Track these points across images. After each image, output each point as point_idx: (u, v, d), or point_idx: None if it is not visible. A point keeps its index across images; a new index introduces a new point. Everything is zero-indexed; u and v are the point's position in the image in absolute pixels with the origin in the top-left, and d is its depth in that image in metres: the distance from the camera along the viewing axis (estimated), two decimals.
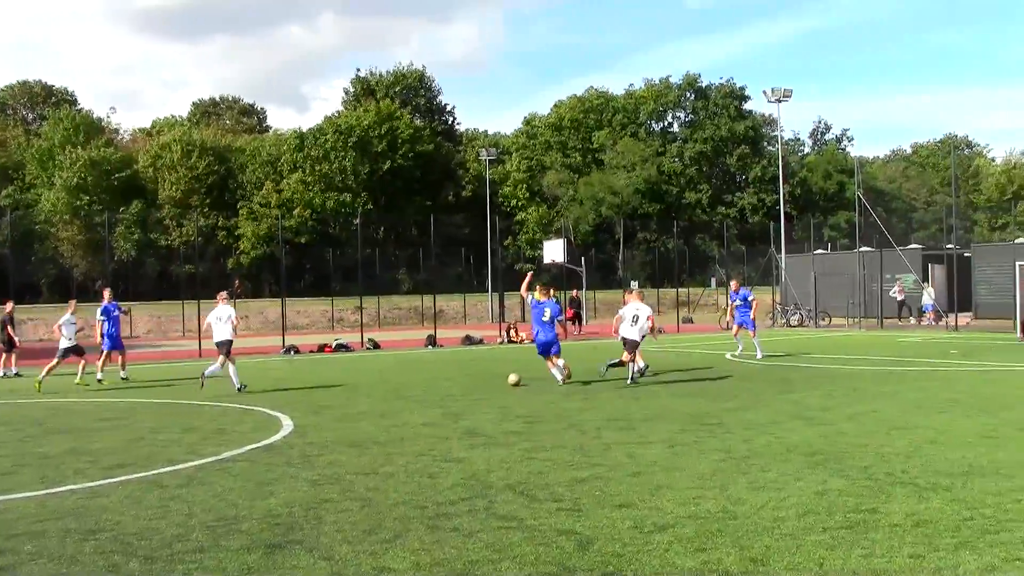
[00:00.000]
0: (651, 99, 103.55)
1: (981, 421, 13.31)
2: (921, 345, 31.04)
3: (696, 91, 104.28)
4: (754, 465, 10.31)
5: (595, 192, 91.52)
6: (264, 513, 8.54)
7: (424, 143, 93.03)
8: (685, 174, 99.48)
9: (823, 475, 9.70)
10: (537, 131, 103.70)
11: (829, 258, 53.99)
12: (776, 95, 55.82)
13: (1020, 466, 10.01)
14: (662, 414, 14.66)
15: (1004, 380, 19.28)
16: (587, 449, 11.52)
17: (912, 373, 21.35)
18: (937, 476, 9.56)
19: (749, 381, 19.89)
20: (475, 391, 18.87)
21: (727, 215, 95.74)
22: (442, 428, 13.64)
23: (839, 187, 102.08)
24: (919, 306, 46.20)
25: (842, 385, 18.67)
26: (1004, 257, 42.82)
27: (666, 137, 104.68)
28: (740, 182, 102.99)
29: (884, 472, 9.80)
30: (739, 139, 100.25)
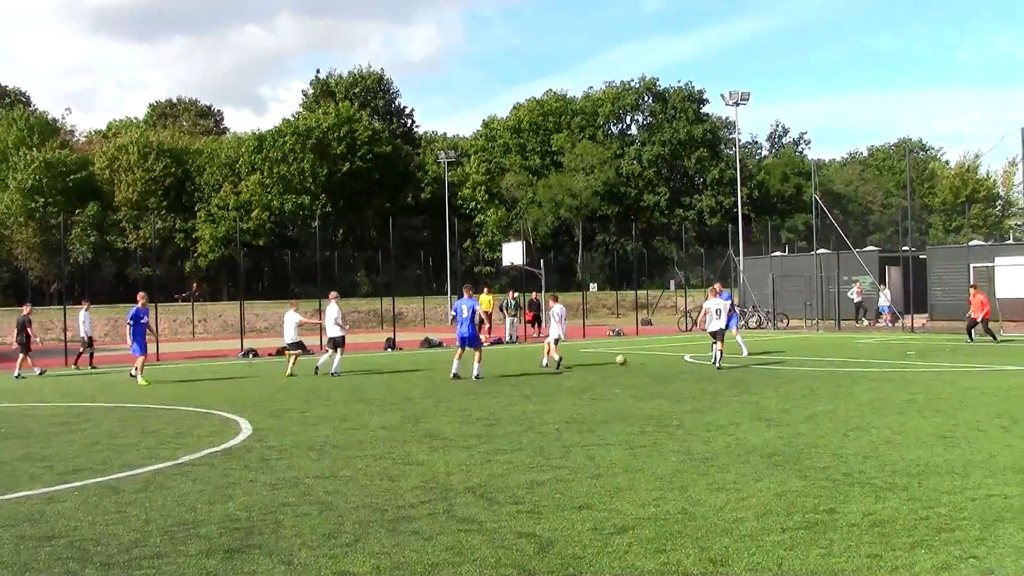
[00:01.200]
0: (609, 102, 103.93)
1: (936, 421, 13.46)
2: (878, 346, 31.34)
3: (654, 94, 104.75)
4: (713, 466, 10.36)
5: (554, 194, 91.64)
6: (223, 517, 8.47)
7: (383, 145, 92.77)
8: (644, 176, 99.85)
9: (782, 476, 9.76)
10: (496, 134, 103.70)
11: (787, 260, 54.40)
12: (734, 98, 56.13)
13: (974, 465, 10.13)
14: (621, 416, 14.70)
15: (959, 381, 19.50)
16: (547, 451, 11.53)
17: (869, 374, 21.54)
18: (894, 476, 9.65)
19: (708, 383, 19.99)
20: (435, 394, 18.83)
21: (685, 217, 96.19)
22: (402, 431, 13.60)
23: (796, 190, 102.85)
24: (876, 308, 46.68)
25: (800, 386, 18.81)
26: (958, 259, 43.37)
27: (624, 140, 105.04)
28: (698, 184, 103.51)
29: (842, 472, 9.88)
30: (697, 142, 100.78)
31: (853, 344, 32.82)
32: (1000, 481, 9.32)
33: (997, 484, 9.19)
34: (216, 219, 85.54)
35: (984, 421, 13.41)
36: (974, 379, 19.87)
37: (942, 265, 45.83)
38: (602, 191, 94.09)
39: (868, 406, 15.40)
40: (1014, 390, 17.56)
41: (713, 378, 21.12)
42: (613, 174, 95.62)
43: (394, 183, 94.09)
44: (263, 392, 20.08)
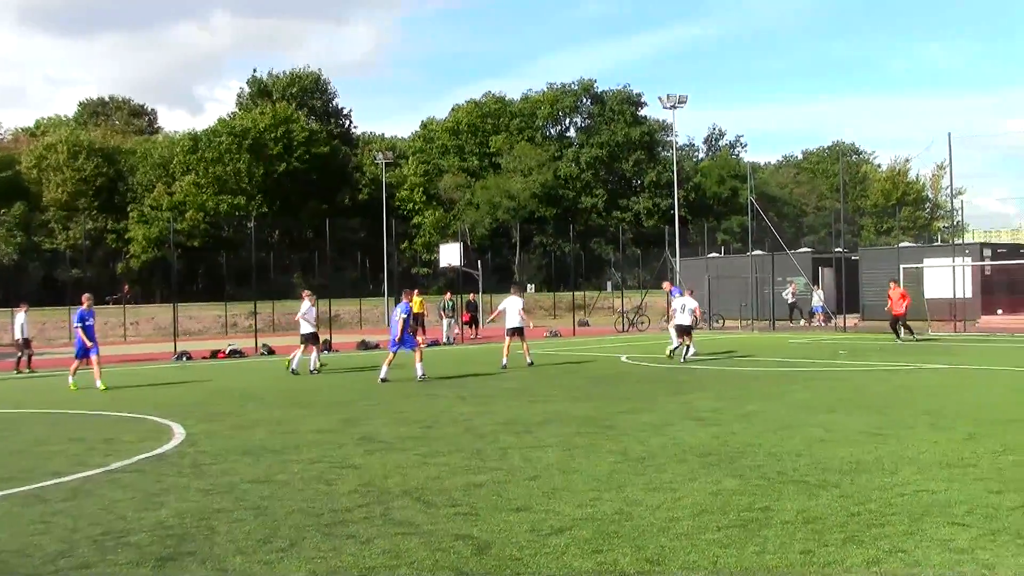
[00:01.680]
0: (548, 104, 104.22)
1: (867, 419, 13.67)
2: (811, 346, 31.76)
3: (592, 96, 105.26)
4: (650, 466, 10.42)
5: (492, 196, 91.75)
6: (154, 525, 8.35)
7: (320, 146, 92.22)
8: (581, 179, 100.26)
9: (717, 475, 9.85)
10: (434, 135, 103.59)
11: (723, 261, 54.94)
12: (671, 101, 56.61)
13: (904, 461, 10.30)
14: (558, 417, 14.74)
15: (889, 379, 19.83)
16: (483, 453, 11.53)
17: (802, 374, 21.82)
18: (826, 473, 9.78)
19: (643, 383, 20.13)
20: (371, 397, 18.74)
21: (623, 219, 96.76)
22: (338, 434, 13.52)
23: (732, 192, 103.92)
24: (809, 308, 47.29)
25: (735, 386, 19.00)
26: (889, 260, 44.13)
27: (562, 142, 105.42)
28: (636, 187, 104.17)
29: (775, 471, 10.00)
30: (635, 144, 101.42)
31: (787, 344, 33.23)
32: (927, 477, 9.50)
33: (924, 480, 9.36)
34: (149, 220, 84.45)
35: (913, 418, 13.65)
36: (904, 377, 20.22)
37: (873, 266, 46.57)
38: (540, 193, 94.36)
39: (801, 405, 15.60)
40: (942, 388, 17.90)
41: (648, 379, 21.26)
42: (551, 176, 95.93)
43: (331, 184, 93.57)
44: (197, 396, 19.85)
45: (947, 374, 20.95)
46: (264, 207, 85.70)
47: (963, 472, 9.73)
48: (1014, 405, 14.99)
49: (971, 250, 44.67)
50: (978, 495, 8.67)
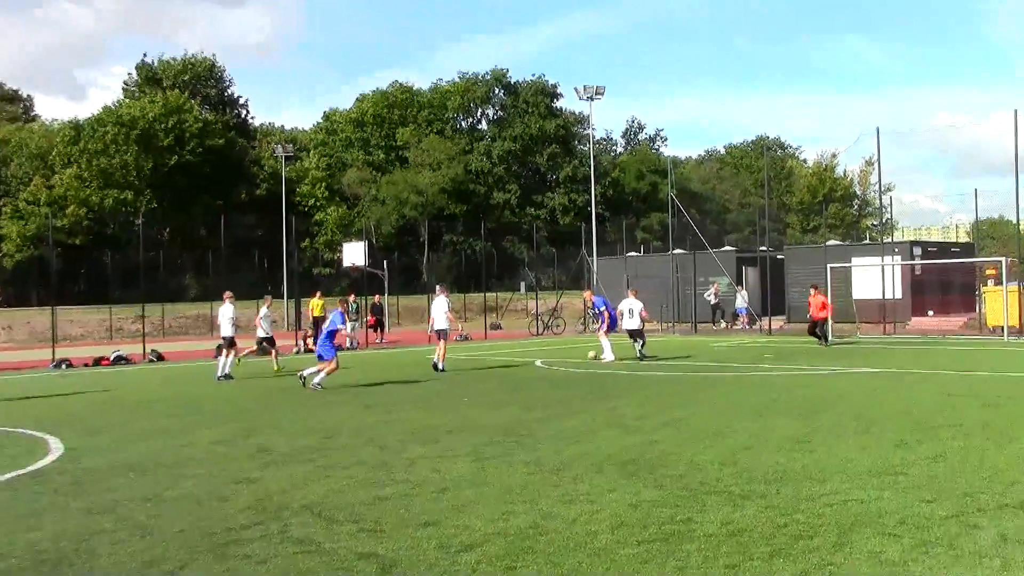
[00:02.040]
0: (458, 95, 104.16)
1: (794, 426, 13.83)
2: (735, 349, 32.15)
3: (505, 87, 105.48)
4: (566, 477, 10.41)
5: (398, 191, 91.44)
6: (28, 548, 8.09)
7: (215, 137, 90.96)
8: (493, 173, 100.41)
9: (637, 486, 9.87)
10: (337, 127, 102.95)
11: (642, 261, 55.36)
12: (588, 92, 56.95)
13: (832, 470, 10.42)
14: (468, 426, 14.68)
15: (816, 383, 20.13)
16: (389, 465, 11.42)
17: (726, 378, 22.06)
18: (751, 483, 9.85)
19: (561, 389, 20.17)
20: (269, 405, 18.51)
21: (537, 216, 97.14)
22: (233, 446, 13.30)
23: (652, 188, 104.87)
24: (733, 309, 47.91)
25: (656, 391, 19.14)
26: (815, 259, 44.86)
27: (474, 135, 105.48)
28: (550, 182, 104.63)
29: (698, 481, 10.05)
30: (549, 137, 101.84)
31: (710, 347, 33.60)
32: (857, 485, 9.61)
33: (854, 489, 9.47)
34: (25, 215, 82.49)
35: (841, 424, 13.84)
36: (831, 382, 20.54)
37: (800, 265, 47.32)
38: (449, 188, 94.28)
39: (725, 411, 15.74)
40: (871, 392, 18.21)
41: (565, 384, 21.32)
42: (461, 171, 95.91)
43: (227, 178, 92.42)
44: (78, 407, 19.38)
45: (876, 378, 21.34)
46: (153, 203, 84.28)
47: (894, 480, 9.86)
48: (946, 410, 15.28)
49: (901, 249, 45.55)
50: (910, 504, 8.79)
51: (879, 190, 51.95)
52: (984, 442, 12.05)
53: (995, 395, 17.11)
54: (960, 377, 21.22)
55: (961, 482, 9.69)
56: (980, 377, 21.10)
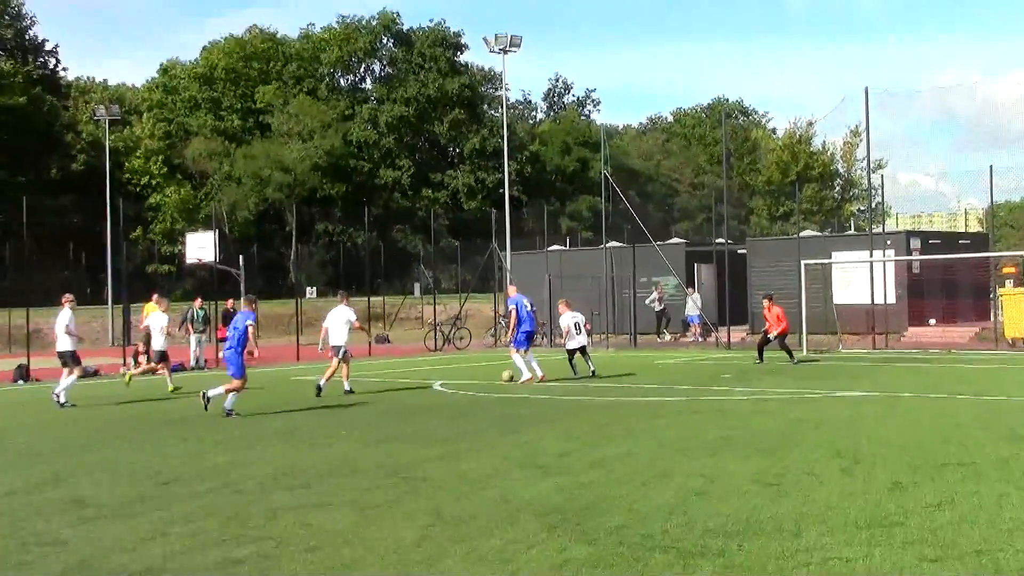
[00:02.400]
0: (335, 45, 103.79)
1: (759, 464, 13.91)
2: (685, 368, 32.36)
3: (396, 36, 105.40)
4: (471, 530, 10.36)
5: (259, 168, 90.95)
6: None
7: (13, 95, 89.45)
8: (380, 145, 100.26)
9: (562, 541, 9.84)
10: (179, 84, 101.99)
11: (568, 256, 55.48)
12: (500, 44, 57.00)
13: (809, 520, 10.48)
14: (348, 466, 14.58)
15: (786, 411, 20.30)
16: (246, 517, 11.29)
17: (674, 404, 22.17)
18: (706, 536, 9.87)
19: (465, 419, 20.13)
20: (87, 443, 18.22)
21: (435, 199, 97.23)
22: (38, 496, 13.05)
23: (581, 165, 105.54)
24: (682, 317, 48.23)
25: (585, 422, 19.16)
26: (786, 254, 45.10)
27: (356, 96, 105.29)
28: (453, 157, 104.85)
29: (640, 534, 10.04)
30: (452, 100, 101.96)
31: (654, 365, 33.78)
32: (840, 540, 9.67)
33: (836, 544, 9.52)
34: None
35: (819, 462, 13.95)
36: (806, 408, 20.73)
37: (767, 262, 47.68)
38: (324, 164, 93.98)
39: (673, 446, 15.80)
40: (855, 422, 18.41)
41: (471, 413, 21.28)
42: (339, 142, 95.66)
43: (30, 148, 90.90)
44: None
45: (864, 403, 21.59)
46: None
47: (887, 533, 9.93)
48: (953, 444, 15.47)
49: (895, 241, 45.89)
50: (908, 564, 8.86)
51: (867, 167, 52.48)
52: (1003, 485, 12.18)
53: (1016, 427, 17.31)
54: (971, 402, 21.54)
55: (974, 536, 9.77)
56: (996, 402, 21.44)
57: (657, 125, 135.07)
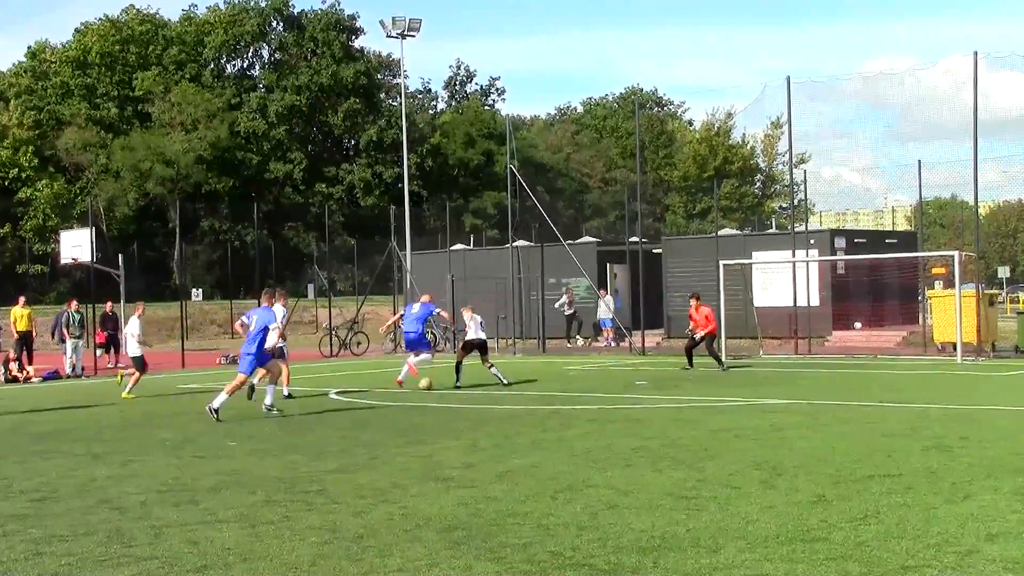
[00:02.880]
0: (221, 28, 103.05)
1: (676, 476, 14.03)
2: (598, 374, 32.49)
3: (286, 19, 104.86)
4: (371, 548, 10.36)
5: (138, 160, 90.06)
6: None
7: None
8: (270, 137, 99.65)
9: (467, 558, 9.88)
10: (50, 69, 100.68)
11: (473, 256, 55.52)
12: (398, 28, 56.86)
13: (728, 535, 10.60)
14: (238, 480, 14.52)
15: (705, 420, 20.48)
16: (128, 535, 11.21)
17: (585, 413, 22.28)
18: (619, 553, 9.95)
19: (362, 429, 20.09)
20: None
21: (330, 195, 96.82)
22: None
23: (486, 158, 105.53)
24: (594, 321, 48.43)
25: (491, 432, 19.19)
26: (704, 254, 45.41)
27: (243, 84, 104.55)
28: (348, 149, 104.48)
29: (549, 551, 10.10)
30: (347, 88, 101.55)
31: (564, 372, 33.89)
32: (760, 556, 9.78)
33: (756, 560, 9.63)
34: None
35: (739, 474, 14.10)
36: (725, 418, 20.92)
37: (683, 262, 47.96)
38: (210, 157, 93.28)
39: (584, 457, 15.89)
40: (776, 431, 18.61)
41: (372, 423, 21.26)
42: (226, 133, 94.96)
43: None
44: None
45: (785, 412, 21.79)
46: None
47: (810, 549, 10.05)
48: (879, 455, 15.65)
49: (818, 240, 46.29)
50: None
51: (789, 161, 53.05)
52: (930, 498, 12.36)
53: (945, 436, 17.54)
54: (898, 411, 21.83)
55: (900, 551, 9.91)
56: (924, 410, 21.72)
57: (566, 116, 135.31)
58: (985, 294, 39.14)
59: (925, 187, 42.82)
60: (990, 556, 9.58)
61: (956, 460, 14.99)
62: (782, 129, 69.16)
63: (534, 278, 47.74)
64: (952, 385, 27.04)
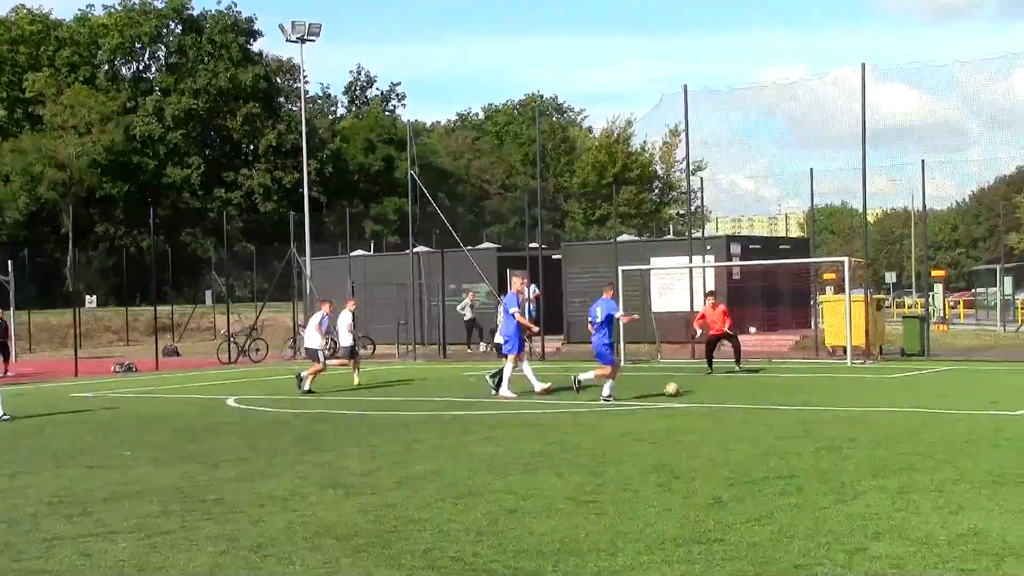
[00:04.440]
0: (116, 29, 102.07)
1: (576, 481, 14.11)
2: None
3: (184, 21, 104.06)
4: (270, 557, 10.34)
5: (29, 164, 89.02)
6: None
7: None
8: (167, 141, 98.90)
9: (367, 565, 9.89)
10: None
11: (373, 262, 55.38)
12: (298, 32, 56.52)
13: (627, 538, 10.68)
14: (133, 490, 14.40)
15: (603, 425, 20.61)
16: (17, 548, 11.09)
17: (486, 419, 22.31)
18: (519, 558, 10.00)
19: (261, 437, 19.99)
20: None
21: (229, 200, 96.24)
22: None
23: (386, 164, 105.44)
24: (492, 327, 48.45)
25: (391, 439, 19.18)
26: (603, 260, 45.59)
27: (139, 87, 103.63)
28: (247, 154, 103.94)
29: (450, 556, 10.14)
30: (246, 93, 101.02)
31: (464, 378, 33.92)
32: (659, 558, 9.88)
33: (654, 562, 9.73)
34: None
35: (637, 478, 14.21)
36: (624, 422, 21.05)
37: (582, 267, 48.15)
38: (104, 161, 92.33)
39: (485, 462, 15.94)
40: (674, 434, 18.76)
41: (271, 430, 21.16)
42: (121, 136, 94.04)
43: None
44: None
45: (682, 416, 21.93)
46: None
47: (707, 550, 10.18)
48: (773, 457, 15.85)
49: (714, 246, 46.52)
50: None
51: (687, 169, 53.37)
52: (822, 498, 12.56)
53: (835, 437, 17.79)
54: (791, 413, 22.09)
55: (793, 550, 10.08)
56: (816, 413, 21.94)
57: (467, 122, 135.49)
58: (873, 299, 39.57)
59: (817, 194, 43.50)
60: (876, 553, 9.84)
61: (846, 461, 15.26)
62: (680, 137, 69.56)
63: (435, 284, 47.69)
64: (842, 388, 27.38)
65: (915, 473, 14.02)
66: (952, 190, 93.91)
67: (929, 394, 25.88)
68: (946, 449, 16.08)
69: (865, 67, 38.04)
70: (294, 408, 25.61)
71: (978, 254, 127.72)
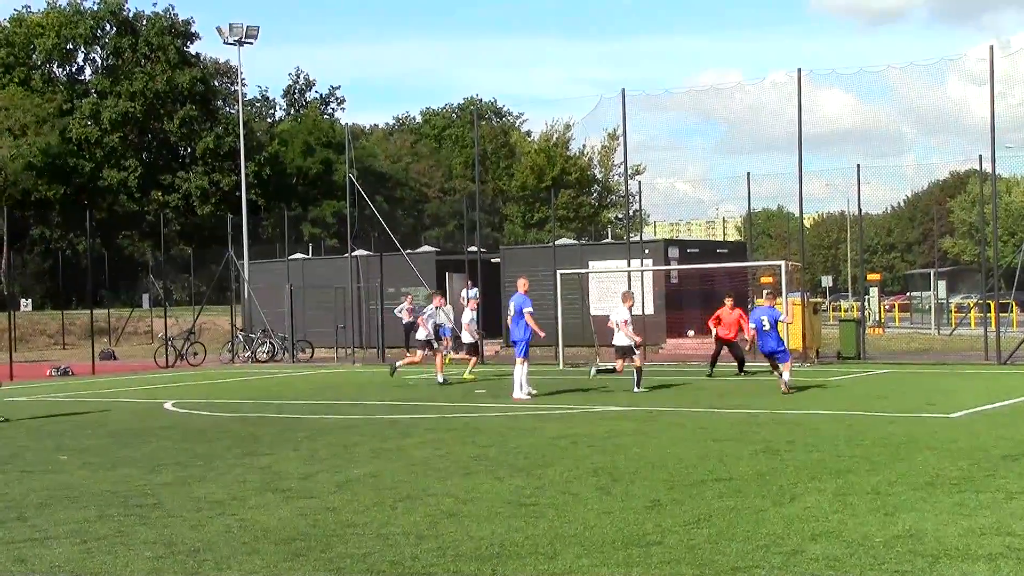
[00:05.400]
0: (52, 31, 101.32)
1: (515, 484, 14.12)
2: (436, 384, 32.50)
3: (121, 23, 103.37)
4: (207, 561, 10.28)
5: None
6: None
7: None
8: (104, 144, 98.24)
9: (305, 569, 9.85)
10: None
11: (311, 265, 55.24)
12: (235, 34, 56.32)
13: (566, 540, 10.69)
14: (68, 495, 14.28)
15: (542, 428, 20.59)
16: None
17: (424, 422, 22.26)
18: (458, 561, 9.99)
19: (199, 441, 19.87)
20: None
21: (166, 203, 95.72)
22: None
23: (325, 167, 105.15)
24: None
25: (329, 442, 19.12)
26: (542, 263, 45.71)
27: (75, 89, 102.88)
28: (185, 157, 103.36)
29: (389, 560, 10.11)
30: (183, 95, 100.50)
31: (402, 381, 33.87)
32: (597, 561, 9.90)
33: (593, 565, 9.74)
34: None
35: (576, 481, 14.23)
36: (562, 425, 21.06)
37: (521, 270, 48.03)
38: (40, 163, 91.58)
39: (423, 466, 15.91)
40: (613, 437, 18.79)
41: (209, 434, 21.03)
42: (57, 139, 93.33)
43: None
44: None
45: (620, 419, 22.01)
46: None
47: (645, 553, 10.21)
48: (711, 460, 15.91)
49: (652, 250, 46.80)
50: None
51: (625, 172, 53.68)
52: (760, 500, 12.63)
53: (772, 440, 17.90)
54: (728, 417, 22.20)
55: (731, 552, 10.13)
56: (752, 416, 22.10)
57: (405, 125, 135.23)
58: (810, 302, 39.86)
59: (754, 198, 43.91)
60: (814, 555, 9.91)
61: (783, 464, 15.31)
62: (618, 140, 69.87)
63: (373, 287, 47.61)
64: (779, 391, 27.47)
65: (852, 475, 14.11)
66: (887, 194, 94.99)
67: (866, 397, 26.07)
68: (883, 451, 16.19)
69: (801, 72, 38.31)
70: (232, 412, 25.50)
71: (913, 258, 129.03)
